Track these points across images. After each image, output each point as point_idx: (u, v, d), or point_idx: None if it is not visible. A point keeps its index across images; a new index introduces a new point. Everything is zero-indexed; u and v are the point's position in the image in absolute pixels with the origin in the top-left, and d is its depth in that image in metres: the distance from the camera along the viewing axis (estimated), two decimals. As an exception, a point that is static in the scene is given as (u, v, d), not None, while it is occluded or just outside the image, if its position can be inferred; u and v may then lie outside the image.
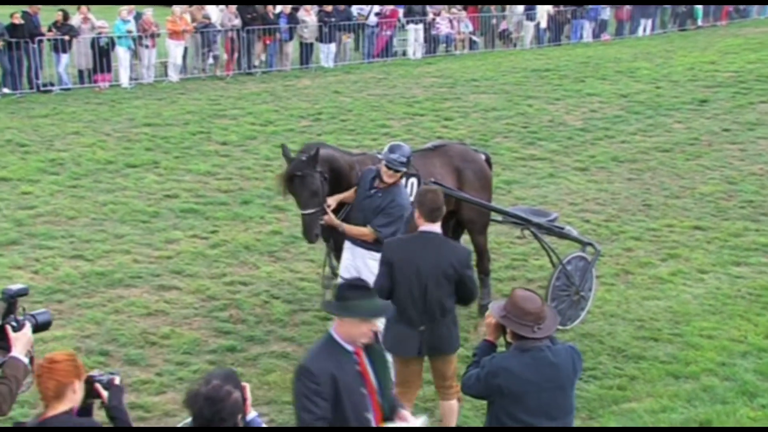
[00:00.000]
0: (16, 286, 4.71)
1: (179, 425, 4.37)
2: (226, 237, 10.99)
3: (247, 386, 4.47)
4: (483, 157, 9.10)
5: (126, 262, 10.12)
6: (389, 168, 7.29)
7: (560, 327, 8.67)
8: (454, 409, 6.60)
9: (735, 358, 8.17)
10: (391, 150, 7.35)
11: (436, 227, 6.18)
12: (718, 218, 12.13)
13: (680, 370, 7.99)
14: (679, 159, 14.95)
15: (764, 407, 7.34)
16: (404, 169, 7.38)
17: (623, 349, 8.40)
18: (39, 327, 4.73)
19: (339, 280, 7.72)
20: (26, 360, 4.56)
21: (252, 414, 4.50)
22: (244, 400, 4.38)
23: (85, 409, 4.47)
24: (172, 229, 11.21)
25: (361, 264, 7.43)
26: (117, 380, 4.57)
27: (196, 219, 11.63)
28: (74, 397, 4.36)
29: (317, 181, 7.52)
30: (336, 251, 7.85)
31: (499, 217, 9.41)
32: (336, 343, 4.68)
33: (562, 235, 9.36)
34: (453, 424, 6.63)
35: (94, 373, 4.58)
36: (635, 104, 18.82)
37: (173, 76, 20.89)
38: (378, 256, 7.14)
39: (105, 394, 4.51)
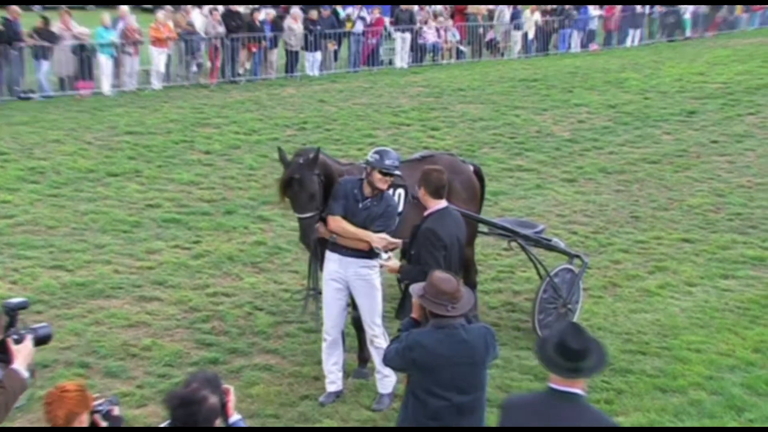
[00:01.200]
0: (16, 300, 4.74)
1: (161, 425, 4.39)
2: (209, 247, 10.98)
3: (231, 389, 4.54)
4: (471, 168, 9.13)
5: (107, 272, 10.09)
6: (385, 174, 7.30)
7: (547, 340, 8.70)
8: None
9: (723, 372, 8.21)
10: (382, 156, 7.36)
11: (444, 202, 6.93)
12: (706, 230, 12.19)
13: (668, 384, 8.02)
14: (668, 170, 15.03)
15: (752, 421, 7.38)
16: (399, 173, 7.43)
17: (610, 363, 8.41)
18: (40, 341, 4.76)
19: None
20: (26, 374, 4.57)
21: (235, 417, 4.55)
22: (225, 403, 4.45)
23: None
24: (154, 239, 11.19)
25: (351, 274, 7.40)
26: (116, 411, 4.58)
27: (179, 229, 11.61)
28: (80, 428, 4.42)
29: (315, 184, 7.50)
30: (322, 260, 7.82)
31: (486, 229, 9.44)
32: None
33: (550, 247, 9.39)
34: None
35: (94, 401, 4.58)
36: (623, 115, 18.92)
37: (156, 83, 20.87)
38: (371, 263, 7.16)
39: (104, 424, 4.52)
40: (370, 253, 7.32)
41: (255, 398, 7.52)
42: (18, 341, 4.59)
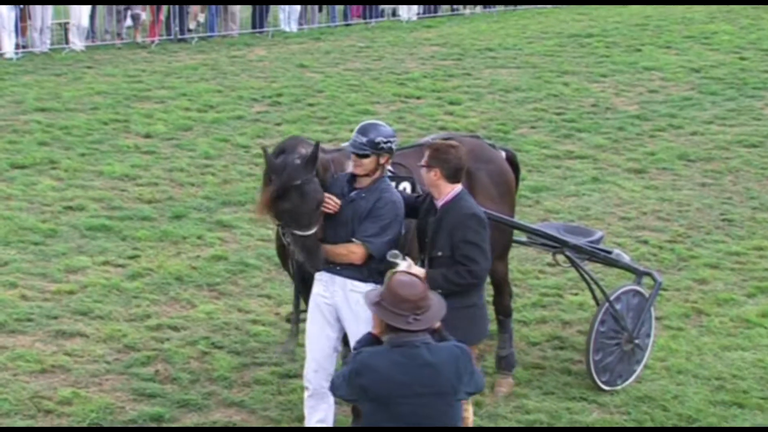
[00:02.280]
0: None
1: None
2: (150, 264, 10.98)
3: None
4: (503, 155, 9.13)
5: (11, 299, 10.08)
6: (358, 155, 7.32)
7: (609, 387, 8.72)
8: None
9: None
10: (363, 131, 7.36)
11: (460, 186, 7.34)
12: (824, 238, 12.22)
13: (773, 446, 8.04)
14: (772, 157, 15.06)
15: None
16: (368, 152, 7.34)
17: (696, 419, 8.42)
18: None
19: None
20: None
21: None
22: None
23: None
24: (76, 254, 11.19)
25: (340, 300, 7.40)
26: None
27: (109, 239, 11.62)
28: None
29: (320, 190, 7.45)
30: (302, 282, 7.82)
31: (525, 237, 9.42)
32: None
33: (610, 262, 9.38)
34: None
35: None
36: (711, 82, 18.93)
37: (77, 43, 20.89)
38: (364, 287, 7.15)
39: None
40: (366, 272, 7.32)
41: (213, 468, 7.52)
42: None
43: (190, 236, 11.76)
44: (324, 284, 7.47)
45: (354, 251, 7.35)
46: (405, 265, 7.05)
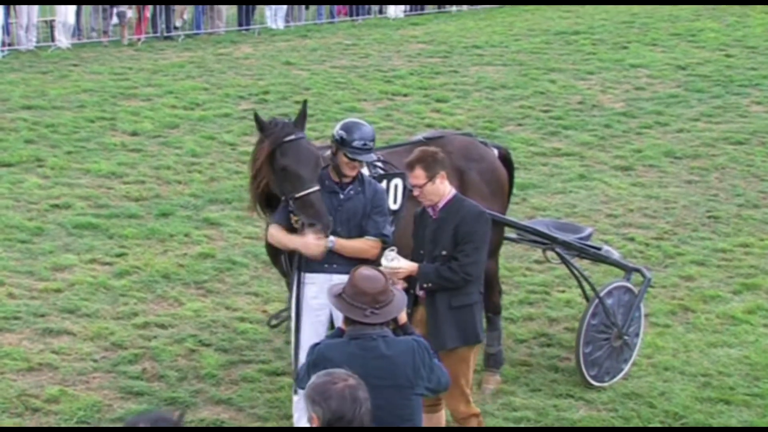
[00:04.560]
0: None
1: None
2: (137, 262, 10.97)
3: None
4: (495, 152, 9.14)
5: (-2, 297, 10.10)
6: (352, 159, 7.39)
7: (596, 383, 8.74)
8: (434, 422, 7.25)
9: (834, 425, 8.26)
10: (348, 132, 7.43)
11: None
12: (810, 235, 12.25)
13: (760, 442, 8.06)
14: (758, 154, 15.08)
15: None
16: (373, 158, 7.52)
17: (682, 416, 8.45)
18: None
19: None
20: None
21: None
22: None
23: None
24: (63, 252, 11.18)
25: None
26: None
27: (96, 237, 11.61)
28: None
29: (315, 147, 7.59)
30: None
31: (514, 234, 9.44)
32: None
33: (599, 258, 9.41)
34: None
35: None
36: (697, 79, 18.97)
37: (63, 40, 20.84)
38: None
39: None
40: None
41: (201, 466, 7.53)
42: None
43: (177, 234, 11.75)
44: (318, 286, 7.50)
45: (372, 246, 7.49)
46: (392, 255, 7.11)
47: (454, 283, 7.16)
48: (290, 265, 7.80)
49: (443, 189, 7.23)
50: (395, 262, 7.10)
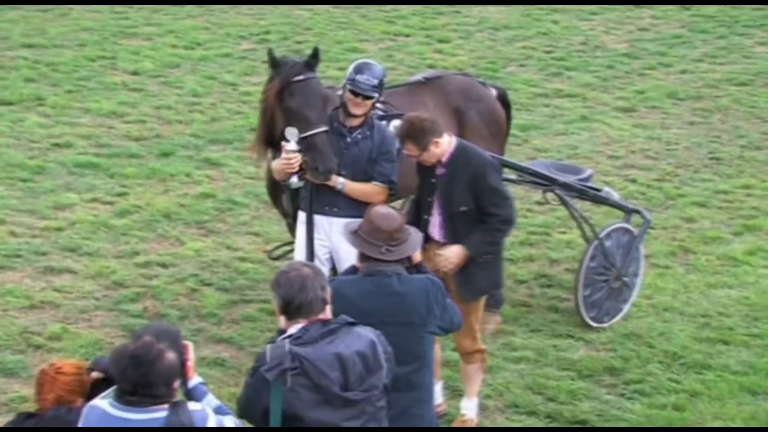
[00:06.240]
0: None
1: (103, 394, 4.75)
2: (138, 201, 11.00)
3: (190, 345, 4.88)
4: (494, 93, 9.13)
5: None
6: (357, 94, 7.40)
7: (596, 324, 8.80)
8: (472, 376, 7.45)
9: (832, 366, 8.31)
10: (357, 70, 7.47)
11: (452, 137, 7.45)
12: (812, 177, 12.26)
13: (758, 383, 8.11)
14: (762, 95, 15.03)
15: None
16: (377, 95, 7.53)
17: (681, 356, 8.50)
18: None
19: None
20: None
21: (195, 380, 4.93)
22: (185, 361, 4.80)
23: None
24: (64, 191, 11.20)
25: (337, 240, 7.45)
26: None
27: (97, 176, 11.62)
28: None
29: (323, 88, 7.61)
30: (294, 219, 7.90)
31: (514, 176, 9.46)
32: None
33: (599, 200, 9.43)
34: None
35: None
36: (702, 20, 18.86)
37: (63, -21, 20.72)
38: None
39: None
40: (365, 208, 7.39)
41: (202, 403, 7.57)
42: None
43: (178, 174, 11.76)
44: (319, 228, 7.56)
45: (380, 192, 7.54)
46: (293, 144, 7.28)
47: (503, 237, 7.41)
48: (291, 205, 7.84)
49: (441, 150, 7.21)
50: (447, 251, 7.22)
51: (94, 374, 5.14)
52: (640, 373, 8.24)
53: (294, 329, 5.03)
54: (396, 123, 8.09)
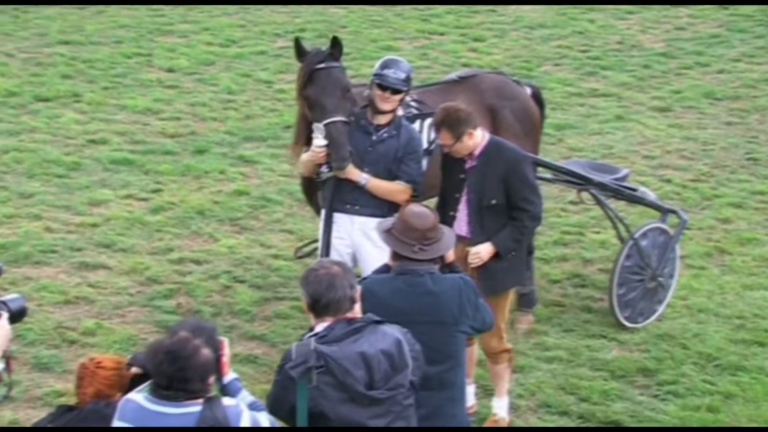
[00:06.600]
0: None
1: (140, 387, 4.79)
2: (172, 198, 11.04)
3: (225, 342, 4.89)
4: (528, 91, 9.12)
5: (35, 230, 10.17)
6: (385, 88, 7.40)
7: (629, 324, 8.76)
8: (501, 375, 7.46)
9: None
10: (384, 65, 7.47)
11: (485, 132, 7.53)
12: None
13: (794, 385, 8.07)
14: (799, 96, 14.97)
15: None
16: (405, 89, 7.53)
17: (716, 357, 8.46)
18: (14, 317, 4.90)
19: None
20: (1, 365, 4.79)
21: (230, 376, 4.93)
22: (220, 357, 4.82)
23: None
24: (99, 187, 11.26)
25: (358, 239, 7.47)
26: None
27: (132, 173, 11.67)
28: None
29: (345, 77, 7.63)
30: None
31: (548, 175, 9.43)
32: None
33: (634, 200, 9.40)
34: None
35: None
36: (740, 19, 18.75)
37: (100, -24, 20.82)
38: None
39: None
40: (386, 207, 7.39)
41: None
42: None
43: (212, 171, 11.80)
44: (340, 226, 7.56)
45: (403, 191, 7.52)
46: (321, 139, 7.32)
47: (530, 233, 7.49)
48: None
49: (473, 143, 7.22)
50: (479, 248, 7.22)
51: (133, 369, 5.19)
52: (673, 375, 8.21)
53: (320, 327, 5.06)
54: (429, 122, 8.09)
